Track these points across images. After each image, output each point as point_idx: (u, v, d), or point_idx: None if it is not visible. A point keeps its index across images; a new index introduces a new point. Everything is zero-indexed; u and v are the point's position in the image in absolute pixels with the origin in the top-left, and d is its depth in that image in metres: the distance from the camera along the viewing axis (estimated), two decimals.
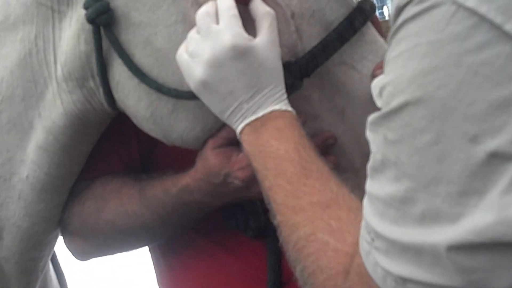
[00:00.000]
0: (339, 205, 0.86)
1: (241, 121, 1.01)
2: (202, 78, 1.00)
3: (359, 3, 1.11)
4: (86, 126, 1.21)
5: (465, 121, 0.64)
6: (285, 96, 1.02)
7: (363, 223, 0.75)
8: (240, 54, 0.98)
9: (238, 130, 1.01)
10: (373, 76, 1.09)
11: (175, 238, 1.33)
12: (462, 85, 0.64)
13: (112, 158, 1.32)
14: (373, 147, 0.74)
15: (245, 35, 0.99)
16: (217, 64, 0.98)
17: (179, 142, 1.15)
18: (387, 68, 0.72)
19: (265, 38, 1.00)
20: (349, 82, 1.09)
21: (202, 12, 1.02)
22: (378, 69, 1.08)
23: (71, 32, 1.14)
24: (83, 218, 1.30)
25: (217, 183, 1.14)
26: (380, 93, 0.73)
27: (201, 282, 1.32)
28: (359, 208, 0.79)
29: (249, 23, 1.03)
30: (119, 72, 1.12)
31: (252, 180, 1.09)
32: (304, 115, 1.06)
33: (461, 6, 0.64)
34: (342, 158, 1.10)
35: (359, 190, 0.99)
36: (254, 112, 1.00)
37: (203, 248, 1.32)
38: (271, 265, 1.24)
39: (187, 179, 1.17)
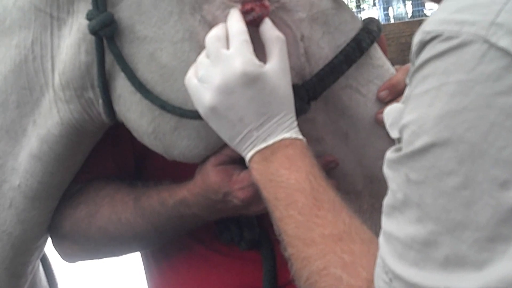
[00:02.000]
0: (351, 237, 0.86)
1: (251, 149, 1.00)
2: (211, 104, 0.99)
3: (365, 23, 1.11)
4: (82, 136, 1.20)
5: (495, 165, 0.63)
6: (295, 123, 1.01)
7: (378, 261, 0.74)
8: (250, 81, 0.97)
9: (247, 157, 1.01)
10: (378, 98, 1.10)
11: (168, 243, 1.34)
12: (494, 127, 0.63)
13: (106, 160, 1.31)
14: (393, 185, 0.73)
15: (256, 61, 0.98)
16: (227, 91, 0.97)
17: (181, 159, 1.14)
18: (410, 105, 0.71)
19: (276, 65, 0.99)
20: (354, 106, 1.10)
21: (212, 36, 1.00)
22: (382, 90, 1.09)
23: (71, 41, 1.12)
24: (74, 222, 1.29)
25: (216, 200, 1.14)
26: (401, 131, 0.72)
27: (193, 287, 1.33)
28: (372, 240, 0.79)
29: (259, 45, 1.02)
30: (121, 86, 1.11)
31: (252, 200, 1.11)
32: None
33: (493, 46, 0.64)
34: (344, 181, 1.12)
35: (360, 213, 1.03)
36: (264, 140, 0.99)
37: (197, 253, 1.33)
38: (267, 273, 1.26)
39: (185, 193, 1.17)
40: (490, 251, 0.63)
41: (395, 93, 1.10)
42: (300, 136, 1.00)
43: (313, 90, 1.06)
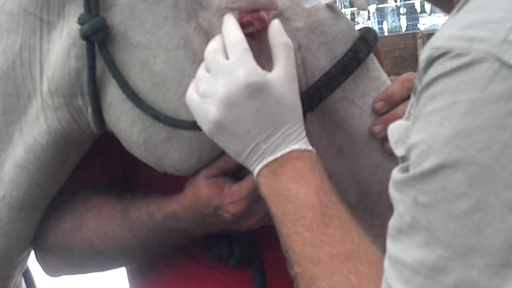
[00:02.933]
0: (359, 257, 0.85)
1: (259, 162, 0.98)
2: (216, 119, 0.98)
3: (362, 33, 1.12)
4: (69, 145, 1.19)
5: (508, 188, 0.63)
6: (304, 133, 1.00)
7: (383, 286, 0.74)
8: (256, 91, 0.96)
9: (255, 172, 0.99)
10: (373, 109, 1.10)
11: (156, 258, 1.32)
12: (506, 149, 0.63)
13: (94, 170, 1.30)
14: (399, 207, 0.73)
15: (259, 70, 0.97)
16: (232, 103, 0.96)
17: (172, 171, 1.13)
18: (419, 124, 0.71)
19: (281, 72, 0.99)
20: (349, 118, 1.11)
21: (210, 49, 1.00)
22: (378, 101, 1.10)
23: (61, 45, 1.11)
24: (59, 234, 1.28)
25: (206, 214, 1.13)
26: (408, 150, 0.72)
27: None
28: (381, 262, 0.78)
29: (258, 54, 1.02)
30: (112, 94, 1.10)
31: (243, 215, 1.10)
32: None
33: (504, 64, 0.63)
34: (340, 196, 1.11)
35: None
36: (272, 152, 0.98)
37: (185, 268, 1.32)
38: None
39: (174, 205, 1.16)
40: (501, 278, 0.63)
41: (391, 104, 1.10)
42: (310, 147, 0.99)
43: (309, 102, 1.07)
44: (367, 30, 1.13)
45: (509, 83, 0.63)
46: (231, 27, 1.01)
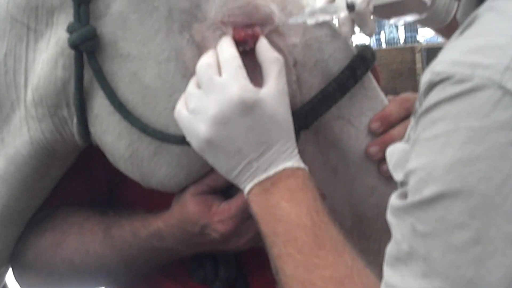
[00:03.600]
0: (353, 282, 0.84)
1: (250, 181, 0.98)
2: (207, 137, 0.97)
3: (360, 51, 1.12)
4: (52, 158, 1.17)
5: (509, 221, 0.63)
6: (296, 151, 1.00)
7: None
8: (248, 108, 0.96)
9: (246, 190, 0.99)
10: (369, 129, 1.10)
11: (138, 280, 1.30)
12: (508, 180, 0.63)
13: (76, 184, 1.28)
14: (397, 234, 0.72)
15: (252, 87, 0.97)
16: (223, 121, 0.96)
17: (158, 187, 1.13)
18: (418, 149, 0.70)
19: (273, 88, 0.99)
20: (345, 138, 1.10)
21: (203, 64, 1.00)
22: (374, 121, 1.09)
23: (48, 55, 1.10)
24: (38, 251, 1.26)
25: (193, 232, 1.12)
26: (407, 176, 0.71)
27: None
28: (376, 286, 0.78)
29: (251, 71, 1.02)
30: (99, 105, 1.09)
31: (232, 235, 1.09)
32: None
33: (508, 92, 0.63)
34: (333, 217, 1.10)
35: None
36: (265, 170, 0.97)
37: None
38: None
39: (160, 223, 1.15)
40: None
41: (388, 125, 1.10)
42: (302, 165, 1.00)
43: (304, 119, 1.06)
44: (365, 48, 1.13)
45: (511, 112, 0.63)
46: (226, 45, 1.01)
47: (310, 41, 1.08)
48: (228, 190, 1.10)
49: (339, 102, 1.08)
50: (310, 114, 1.07)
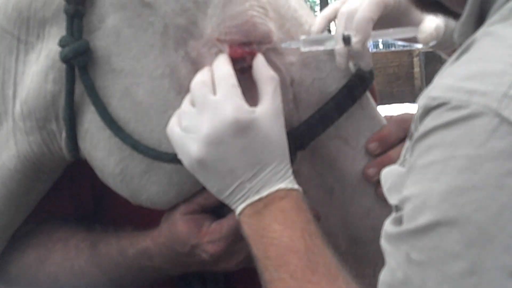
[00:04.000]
0: None
1: (242, 202, 0.97)
2: (198, 156, 0.96)
3: (358, 70, 1.12)
4: (38, 172, 1.16)
5: (506, 252, 0.62)
6: (290, 171, 1.00)
7: None
8: (242, 129, 0.95)
9: (237, 210, 0.98)
10: (366, 150, 1.09)
11: None
12: (505, 210, 0.62)
13: (62, 199, 1.26)
14: (391, 261, 0.71)
15: (247, 107, 0.97)
16: (216, 141, 0.95)
17: (148, 205, 1.12)
18: (413, 176, 0.70)
19: (268, 107, 0.98)
20: (342, 158, 1.09)
21: (198, 82, 0.99)
22: (372, 142, 1.09)
23: (38, 68, 1.09)
24: (22, 267, 1.24)
25: (182, 252, 1.11)
26: (402, 202, 0.71)
27: None
28: None
29: (247, 90, 1.01)
30: (89, 120, 1.08)
31: (222, 255, 1.08)
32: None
33: (505, 120, 0.63)
34: (326, 240, 1.08)
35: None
36: (257, 191, 0.96)
37: None
38: None
39: (148, 242, 1.14)
40: None
41: (386, 145, 1.10)
42: (296, 186, 0.99)
43: (301, 139, 1.06)
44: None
45: (508, 141, 0.63)
46: (221, 62, 1.01)
47: (308, 59, 1.08)
48: (220, 209, 1.09)
49: (337, 122, 1.08)
50: (307, 134, 1.06)
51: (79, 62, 1.03)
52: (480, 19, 0.75)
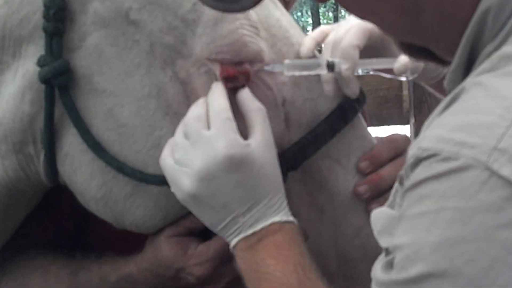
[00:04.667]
0: None
1: (236, 235, 0.98)
2: (191, 191, 0.97)
3: None
4: (14, 198, 1.14)
5: None
6: (285, 203, 1.01)
7: None
8: (236, 165, 0.96)
9: (231, 244, 0.99)
10: (357, 169, 1.10)
11: None
12: (495, 263, 0.63)
13: (41, 224, 1.24)
14: None
15: (241, 141, 0.98)
16: (208, 177, 0.96)
17: (133, 229, 1.10)
18: (404, 225, 0.71)
19: (260, 140, 0.99)
20: (333, 178, 1.10)
21: (192, 117, 0.99)
22: (363, 161, 1.10)
23: (14, 88, 1.07)
24: None
25: (167, 276, 1.10)
26: (393, 250, 0.72)
27: None
28: None
29: (239, 112, 1.01)
30: (70, 143, 1.06)
31: (209, 278, 1.08)
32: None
33: (494, 174, 0.64)
34: (317, 261, 1.07)
35: None
36: (251, 225, 0.97)
37: None
38: None
39: (131, 267, 1.13)
40: None
41: (376, 164, 1.10)
42: (291, 218, 1.01)
43: (292, 160, 1.06)
44: None
45: (498, 194, 0.64)
46: (217, 94, 1.01)
47: (299, 80, 1.08)
48: (207, 231, 1.07)
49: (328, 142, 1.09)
50: (299, 155, 1.07)
51: (59, 82, 1.01)
52: (469, 65, 0.77)
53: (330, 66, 1.04)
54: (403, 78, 1.16)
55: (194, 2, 1.01)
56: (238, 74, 1.02)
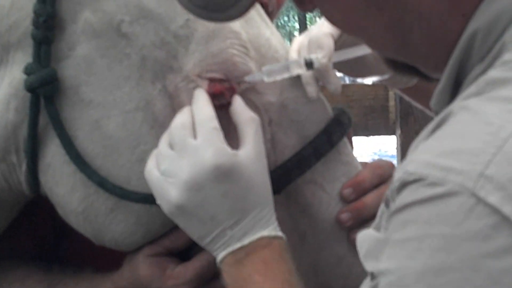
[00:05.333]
0: None
1: (223, 249, 0.96)
2: (178, 203, 0.95)
3: (337, 115, 1.12)
4: None
5: None
6: (274, 217, 0.99)
7: None
8: (223, 175, 0.95)
9: (218, 258, 0.97)
10: (341, 195, 1.09)
11: None
12: None
13: (21, 235, 1.23)
14: None
15: (228, 150, 0.96)
16: (196, 187, 0.94)
17: (112, 245, 1.09)
18: (389, 250, 0.70)
19: (250, 150, 0.98)
20: (316, 203, 1.09)
21: (177, 124, 0.98)
22: (346, 188, 1.09)
23: (0, 95, 1.05)
24: None
25: None
26: (377, 275, 0.71)
27: None
28: None
29: (227, 126, 1.00)
30: (53, 154, 1.05)
31: None
32: None
33: (481, 201, 0.63)
34: None
35: None
36: (239, 239, 0.96)
37: None
38: None
39: (108, 285, 1.11)
40: None
41: (360, 191, 1.10)
42: (279, 233, 0.99)
43: (276, 183, 1.04)
44: (342, 112, 1.13)
45: (485, 222, 0.63)
46: (201, 102, 1.00)
47: (287, 101, 1.08)
48: (186, 252, 1.07)
49: (313, 167, 1.07)
50: (283, 179, 1.05)
51: (46, 92, 1.00)
52: (457, 86, 0.77)
53: (309, 64, 1.03)
54: (374, 79, 1.14)
55: (187, 18, 1.01)
56: (225, 90, 1.01)
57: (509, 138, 0.64)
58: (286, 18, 21.51)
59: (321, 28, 1.05)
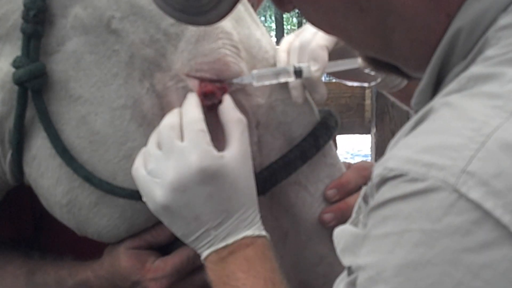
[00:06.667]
0: None
1: (207, 248, 0.98)
2: (163, 202, 0.96)
3: (324, 118, 1.14)
4: None
5: None
6: (258, 217, 1.00)
7: None
8: (208, 177, 0.96)
9: (202, 256, 0.98)
10: (325, 196, 1.10)
11: None
12: (460, 287, 0.62)
13: (1, 221, 1.22)
14: None
15: (214, 152, 0.97)
16: (181, 188, 0.95)
17: (94, 237, 1.09)
18: (368, 245, 0.70)
19: (236, 151, 0.98)
20: (299, 204, 1.10)
21: (166, 126, 0.99)
22: (330, 189, 1.10)
23: None
24: None
25: (123, 287, 1.09)
26: (356, 269, 0.71)
27: None
28: None
29: (215, 128, 1.01)
30: (39, 146, 1.05)
31: None
32: None
33: (462, 196, 0.63)
34: None
35: None
36: (223, 239, 0.97)
37: None
38: None
39: (88, 273, 1.12)
40: None
41: (344, 193, 1.11)
42: (263, 232, 1.00)
43: (262, 185, 1.05)
44: (329, 115, 1.14)
45: (465, 217, 0.63)
46: (190, 104, 1.00)
47: (275, 103, 1.08)
48: (168, 246, 1.08)
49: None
50: (269, 181, 1.07)
51: (34, 86, 1.00)
52: (438, 84, 0.77)
53: (298, 72, 1.04)
54: (365, 85, 1.17)
55: None
56: (216, 90, 1.01)
57: (492, 134, 0.64)
58: (263, 18, 21.46)
59: (316, 37, 1.05)
